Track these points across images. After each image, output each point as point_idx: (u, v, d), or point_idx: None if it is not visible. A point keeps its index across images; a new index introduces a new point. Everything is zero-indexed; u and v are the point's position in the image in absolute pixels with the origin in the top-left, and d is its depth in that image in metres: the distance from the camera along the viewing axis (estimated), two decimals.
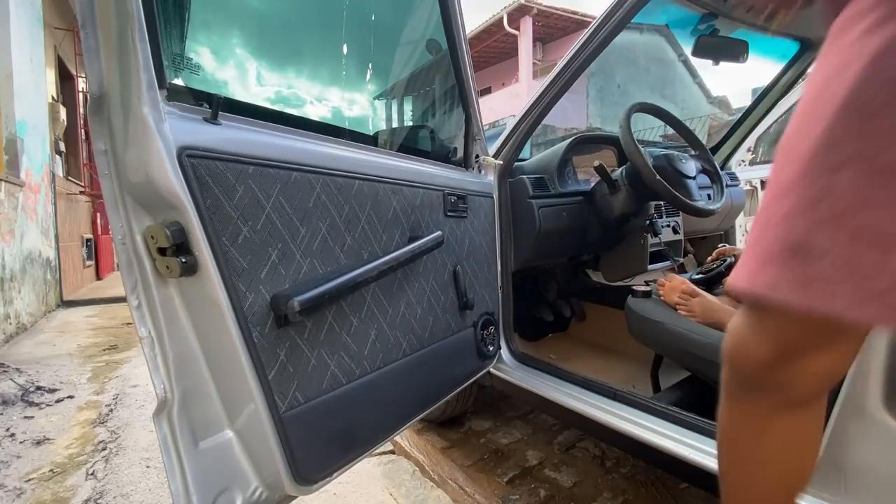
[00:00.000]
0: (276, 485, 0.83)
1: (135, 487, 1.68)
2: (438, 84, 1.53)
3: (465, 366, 1.29)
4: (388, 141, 1.30)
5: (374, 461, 1.79)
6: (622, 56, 10.50)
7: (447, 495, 1.54)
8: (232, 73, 1.00)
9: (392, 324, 1.05)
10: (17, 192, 4.13)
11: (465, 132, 1.41)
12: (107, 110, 0.68)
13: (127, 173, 0.69)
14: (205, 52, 0.93)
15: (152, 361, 0.73)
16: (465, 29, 1.30)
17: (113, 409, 2.38)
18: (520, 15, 13.14)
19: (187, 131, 0.70)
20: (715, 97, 9.87)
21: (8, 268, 3.82)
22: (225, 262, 0.72)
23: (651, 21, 7.14)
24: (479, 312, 1.38)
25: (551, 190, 1.57)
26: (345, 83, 1.26)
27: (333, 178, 0.91)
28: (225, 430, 0.81)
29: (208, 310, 0.73)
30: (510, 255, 1.52)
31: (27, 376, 2.82)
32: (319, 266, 0.88)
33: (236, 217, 0.74)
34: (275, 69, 1.13)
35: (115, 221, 0.71)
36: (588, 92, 10.91)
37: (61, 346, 3.59)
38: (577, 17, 13.26)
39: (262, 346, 0.77)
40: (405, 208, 1.10)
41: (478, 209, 1.38)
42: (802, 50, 1.84)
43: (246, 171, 0.76)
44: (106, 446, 1.98)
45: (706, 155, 1.68)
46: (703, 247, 2.42)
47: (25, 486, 1.70)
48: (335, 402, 0.91)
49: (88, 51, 0.65)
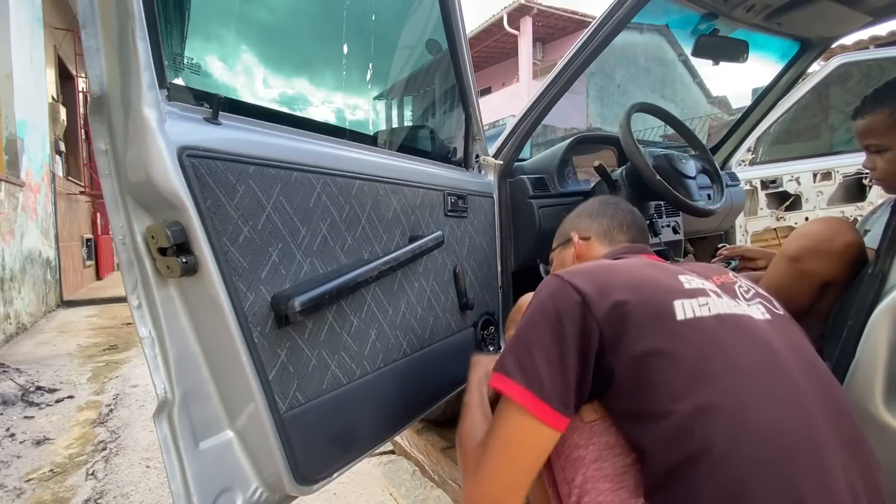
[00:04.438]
0: (277, 485, 0.83)
1: (135, 487, 1.68)
2: (438, 84, 1.53)
3: (465, 366, 1.28)
4: (389, 141, 1.30)
5: (374, 461, 1.79)
6: (622, 56, 10.48)
7: (447, 495, 1.54)
8: (232, 73, 1.00)
9: (392, 324, 1.05)
10: (17, 192, 4.13)
11: (465, 132, 1.41)
12: (107, 110, 0.68)
13: (127, 173, 0.69)
14: (205, 51, 0.92)
15: (152, 361, 0.73)
16: (465, 29, 1.30)
17: (113, 409, 2.38)
18: (520, 15, 13.14)
19: (188, 131, 0.70)
20: (715, 97, 9.86)
21: (8, 268, 3.82)
22: (225, 262, 0.72)
23: (651, 21, 7.14)
24: (479, 312, 1.38)
25: (551, 190, 1.57)
26: (345, 83, 1.26)
27: (334, 178, 0.91)
28: (225, 430, 0.81)
29: (209, 310, 0.73)
30: (510, 255, 1.52)
31: (27, 376, 2.81)
32: (320, 266, 0.88)
33: (237, 217, 0.74)
34: (275, 69, 1.13)
35: (116, 221, 0.71)
36: (588, 92, 10.89)
37: (61, 346, 3.59)
38: (577, 17, 13.26)
39: (263, 346, 0.77)
40: (405, 208, 1.10)
41: (478, 209, 1.38)
42: (802, 50, 1.84)
43: (246, 170, 0.76)
44: (106, 446, 1.98)
45: (706, 155, 1.68)
46: (703, 247, 2.42)
47: (25, 486, 1.70)
48: (335, 402, 0.91)
49: (89, 50, 0.65)
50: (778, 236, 3.09)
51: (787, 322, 0.72)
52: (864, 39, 4.92)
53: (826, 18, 1.59)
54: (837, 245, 1.03)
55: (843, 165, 3.09)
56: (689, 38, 1.71)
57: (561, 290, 0.67)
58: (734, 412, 0.58)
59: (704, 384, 0.59)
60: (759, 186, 3.03)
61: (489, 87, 15.67)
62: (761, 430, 0.57)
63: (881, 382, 0.79)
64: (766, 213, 3.06)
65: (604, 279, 0.68)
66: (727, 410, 0.58)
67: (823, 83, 3.03)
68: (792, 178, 3.06)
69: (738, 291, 0.73)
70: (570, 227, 1.04)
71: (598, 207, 1.03)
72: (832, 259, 1.03)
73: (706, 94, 10.34)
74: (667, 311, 0.64)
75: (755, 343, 0.64)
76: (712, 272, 0.77)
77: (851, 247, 1.03)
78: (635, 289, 0.66)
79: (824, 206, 3.09)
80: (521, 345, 0.68)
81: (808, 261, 1.06)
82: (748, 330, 0.65)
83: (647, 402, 0.61)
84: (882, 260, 0.83)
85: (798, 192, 3.07)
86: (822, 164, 3.11)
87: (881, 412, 0.79)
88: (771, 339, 0.65)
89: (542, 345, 0.66)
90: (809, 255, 1.06)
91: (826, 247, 1.04)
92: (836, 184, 3.09)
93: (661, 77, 10.52)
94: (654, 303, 0.65)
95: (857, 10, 1.50)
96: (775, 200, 3.11)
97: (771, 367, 0.62)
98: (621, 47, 9.90)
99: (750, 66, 1.77)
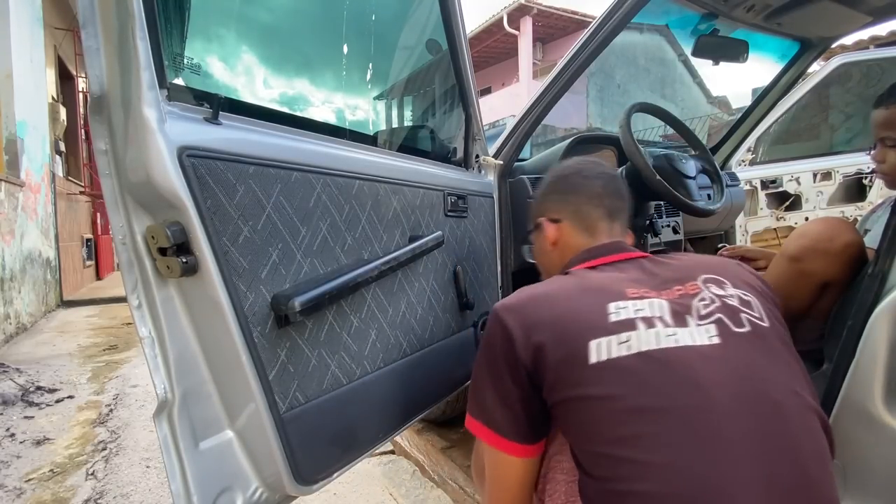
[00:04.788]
0: (277, 485, 0.83)
1: (135, 487, 1.68)
2: (438, 84, 1.53)
3: (465, 366, 1.28)
4: (389, 141, 1.30)
5: (374, 461, 1.79)
6: (622, 56, 10.48)
7: (447, 495, 1.55)
8: (233, 73, 1.00)
9: (392, 324, 1.05)
10: (17, 192, 4.13)
11: (465, 132, 1.41)
12: (107, 110, 0.68)
13: (127, 173, 0.69)
14: (205, 51, 0.92)
15: (152, 361, 0.73)
16: (465, 29, 1.30)
17: (113, 409, 2.38)
18: (520, 15, 13.14)
19: (188, 131, 0.70)
20: (715, 97, 9.86)
21: (8, 268, 3.82)
22: (225, 262, 0.72)
23: (651, 21, 7.14)
24: (479, 312, 1.38)
25: None
26: (345, 83, 1.26)
27: (334, 178, 0.91)
28: (225, 430, 0.81)
29: (209, 310, 0.73)
30: (510, 255, 1.52)
31: (27, 376, 2.81)
32: (320, 266, 0.88)
33: (237, 217, 0.74)
34: (276, 69, 1.13)
35: (116, 221, 0.71)
36: (588, 92, 10.90)
37: (61, 346, 3.59)
38: (577, 17, 13.26)
39: (263, 346, 0.77)
40: (405, 208, 1.10)
41: (478, 209, 1.38)
42: (802, 50, 1.84)
43: (246, 170, 0.76)
44: (106, 446, 1.98)
45: (706, 155, 1.68)
46: (703, 247, 2.42)
47: (25, 486, 1.70)
48: (335, 402, 0.91)
49: (89, 50, 0.65)
50: (778, 236, 3.09)
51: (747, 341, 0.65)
52: (864, 39, 4.93)
53: (826, 18, 1.59)
54: (837, 245, 1.03)
55: (843, 165, 3.09)
56: (689, 38, 1.71)
57: (494, 327, 0.71)
58: (636, 458, 0.57)
59: (614, 426, 0.60)
60: (759, 186, 3.03)
61: (489, 87, 15.67)
62: (659, 475, 0.56)
63: (881, 382, 0.79)
64: (766, 213, 3.06)
65: (531, 315, 0.69)
66: (630, 455, 0.58)
67: (823, 83, 3.03)
68: (792, 178, 3.06)
69: (696, 307, 0.67)
70: (539, 210, 0.96)
71: (562, 182, 0.92)
72: (832, 259, 1.03)
73: (706, 94, 10.35)
74: (579, 355, 0.63)
75: (678, 384, 0.60)
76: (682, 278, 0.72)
77: (851, 247, 1.03)
78: (555, 326, 0.66)
79: (824, 206, 3.09)
80: (475, 383, 0.75)
81: (807, 261, 1.06)
82: (673, 369, 0.61)
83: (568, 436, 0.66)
84: (882, 260, 0.83)
85: (798, 192, 3.07)
86: (822, 164, 3.11)
87: (881, 412, 0.79)
88: (702, 375, 0.60)
89: (488, 382, 0.71)
90: (809, 255, 1.06)
91: (826, 247, 1.04)
92: (836, 184, 3.09)
93: (661, 77, 10.52)
94: (570, 345, 0.64)
95: (857, 10, 1.50)
96: (775, 200, 3.11)
97: (689, 410, 0.59)
98: (621, 47, 9.91)
99: (750, 66, 1.77)
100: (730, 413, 0.58)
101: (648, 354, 0.62)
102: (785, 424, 0.60)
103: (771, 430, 0.59)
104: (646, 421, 0.59)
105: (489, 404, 0.71)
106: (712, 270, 0.73)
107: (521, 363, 0.67)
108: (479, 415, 0.73)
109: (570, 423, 0.65)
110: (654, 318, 0.65)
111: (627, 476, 0.57)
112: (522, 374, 0.67)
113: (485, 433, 0.71)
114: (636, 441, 0.58)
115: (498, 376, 0.70)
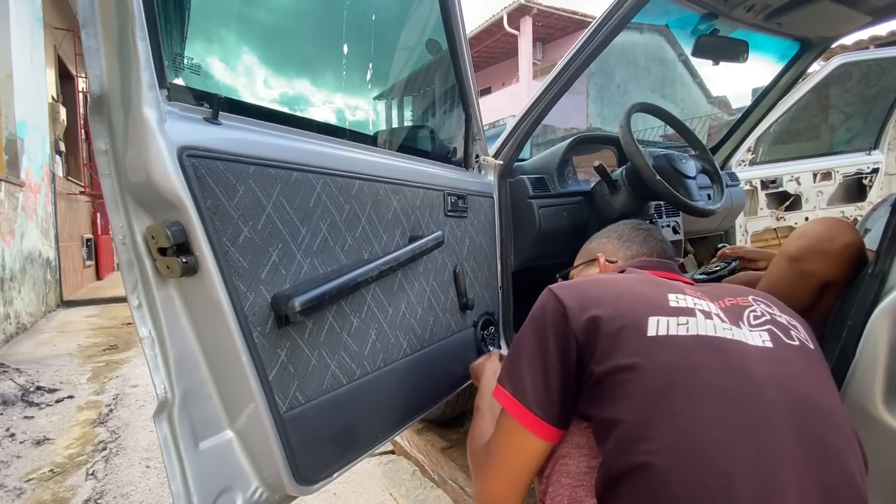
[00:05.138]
0: (277, 485, 0.83)
1: (135, 487, 1.68)
2: (438, 84, 1.53)
3: (465, 366, 1.28)
4: (389, 141, 1.30)
5: (374, 461, 1.79)
6: (622, 56, 10.47)
7: (447, 495, 1.55)
8: (232, 73, 1.00)
9: (392, 324, 1.05)
10: (17, 192, 4.13)
11: (465, 132, 1.41)
12: (107, 110, 0.68)
13: (127, 173, 0.69)
14: (205, 51, 0.92)
15: (152, 361, 0.73)
16: (465, 29, 1.30)
17: (113, 409, 2.38)
18: (520, 15, 13.14)
19: (188, 131, 0.70)
20: (715, 97, 9.86)
21: (8, 268, 3.82)
22: (225, 262, 0.72)
23: (651, 21, 7.14)
24: (479, 312, 1.38)
25: (551, 190, 1.57)
26: (345, 83, 1.26)
27: (334, 178, 0.91)
28: (225, 430, 0.81)
29: (209, 310, 0.73)
30: (510, 255, 1.52)
31: (27, 376, 2.81)
32: (320, 266, 0.88)
33: (237, 217, 0.74)
34: (276, 69, 1.13)
35: (116, 221, 0.71)
36: (588, 92, 10.89)
37: (61, 346, 3.59)
38: (577, 17, 13.26)
39: (263, 346, 0.77)
40: (405, 208, 1.10)
41: (478, 209, 1.38)
42: (802, 50, 1.84)
43: (247, 171, 0.76)
44: (106, 446, 1.98)
45: (706, 155, 1.68)
46: (703, 247, 2.42)
47: (25, 486, 1.70)
48: (335, 402, 0.91)
49: (89, 50, 0.65)
50: (778, 236, 3.09)
51: (797, 353, 0.67)
52: (864, 39, 4.92)
53: (826, 18, 1.59)
54: (837, 245, 1.03)
55: (843, 165, 3.09)
56: (689, 38, 1.71)
57: (548, 303, 0.71)
58: (682, 431, 0.57)
59: (661, 400, 0.59)
60: (759, 186, 3.03)
61: (489, 87, 15.67)
62: (708, 454, 0.55)
63: (881, 382, 0.79)
64: (766, 213, 3.06)
65: (589, 293, 0.70)
66: (675, 429, 0.57)
67: (823, 83, 3.03)
68: (792, 178, 3.06)
69: (747, 316, 0.71)
70: (598, 248, 1.02)
71: (629, 232, 1.00)
72: (832, 259, 1.03)
73: (706, 94, 10.34)
74: (638, 326, 0.64)
75: (731, 369, 0.61)
76: (731, 294, 0.75)
77: (851, 247, 1.03)
78: (615, 302, 0.67)
79: (824, 206, 3.09)
80: (513, 354, 0.73)
81: (807, 261, 1.06)
82: (729, 355, 0.63)
83: (607, 409, 0.63)
84: (882, 260, 0.83)
85: (798, 192, 3.07)
86: (822, 164, 3.11)
87: (881, 412, 0.79)
88: (755, 367, 0.62)
89: (528, 354, 0.70)
90: (809, 255, 1.06)
91: (826, 247, 1.04)
92: (836, 184, 3.09)
93: (661, 77, 10.52)
94: (628, 317, 0.65)
95: (857, 10, 1.50)
96: (775, 200, 3.11)
97: (740, 395, 0.59)
98: (621, 47, 9.90)
99: (750, 66, 1.77)
100: (780, 407, 0.59)
101: (706, 338, 0.64)
102: (832, 432, 0.61)
103: (819, 434, 0.59)
104: (697, 399, 0.59)
105: (524, 376, 0.69)
106: (760, 294, 0.77)
107: (573, 334, 0.66)
108: (509, 385, 0.71)
109: (616, 395, 0.62)
110: (711, 313, 0.68)
111: (672, 448, 0.56)
112: (571, 345, 0.66)
113: (511, 403, 0.69)
114: (684, 417, 0.58)
115: (542, 346, 0.69)
